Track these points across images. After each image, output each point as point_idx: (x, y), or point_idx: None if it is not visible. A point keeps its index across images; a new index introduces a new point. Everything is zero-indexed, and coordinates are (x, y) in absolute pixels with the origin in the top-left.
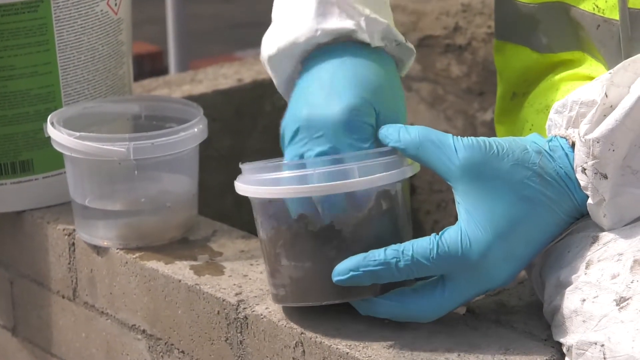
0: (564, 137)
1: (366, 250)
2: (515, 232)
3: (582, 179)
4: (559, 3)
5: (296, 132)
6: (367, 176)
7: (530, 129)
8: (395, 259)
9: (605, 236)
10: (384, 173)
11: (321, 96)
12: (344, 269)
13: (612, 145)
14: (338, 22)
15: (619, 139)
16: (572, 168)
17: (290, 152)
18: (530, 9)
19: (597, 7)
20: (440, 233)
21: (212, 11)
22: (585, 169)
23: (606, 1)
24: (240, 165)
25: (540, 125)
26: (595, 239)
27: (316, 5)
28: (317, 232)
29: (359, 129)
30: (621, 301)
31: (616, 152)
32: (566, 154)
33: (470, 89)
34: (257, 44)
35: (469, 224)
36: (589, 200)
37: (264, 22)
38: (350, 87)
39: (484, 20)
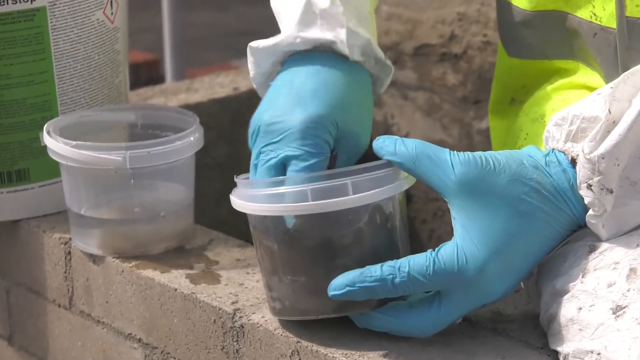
0: (562, 151)
1: (362, 264)
2: (511, 247)
3: (588, 195)
4: (556, 11)
5: (257, 132)
6: (362, 192)
7: (525, 138)
8: (391, 276)
9: (601, 245)
10: (379, 189)
11: (287, 102)
12: (340, 284)
13: (617, 160)
14: (318, 33)
15: (623, 152)
16: (569, 184)
17: (253, 150)
18: (526, 16)
19: (595, 15)
20: (436, 249)
21: (208, 20)
22: (591, 185)
23: (604, 9)
24: (235, 179)
25: (534, 134)
26: (591, 248)
27: (300, 13)
28: (312, 247)
29: (314, 142)
30: (617, 309)
31: (620, 167)
32: (563, 170)
33: (466, 97)
34: None
35: (465, 240)
36: (590, 212)
37: (260, 30)
38: (315, 98)
39: (480, 29)
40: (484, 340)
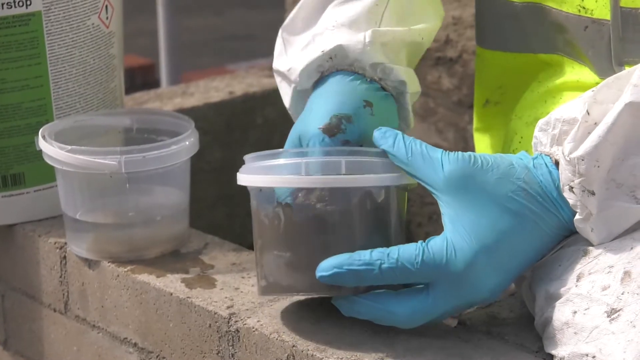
0: (548, 155)
1: (351, 249)
2: (500, 244)
3: (571, 197)
4: (540, 5)
5: (296, 139)
6: (356, 174)
7: (520, 142)
8: (379, 261)
9: (595, 249)
10: (373, 175)
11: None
12: (327, 265)
13: (597, 162)
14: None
15: (603, 154)
16: (555, 185)
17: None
18: (514, 8)
19: (584, 8)
20: (426, 241)
21: (204, 24)
22: (572, 187)
23: (596, 1)
24: (244, 157)
25: (529, 137)
26: (585, 252)
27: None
28: (300, 223)
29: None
30: (612, 313)
31: (601, 168)
32: (550, 172)
33: (461, 101)
34: (248, 56)
35: (454, 234)
36: (577, 216)
37: (255, 35)
38: (327, 110)
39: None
40: (479, 343)
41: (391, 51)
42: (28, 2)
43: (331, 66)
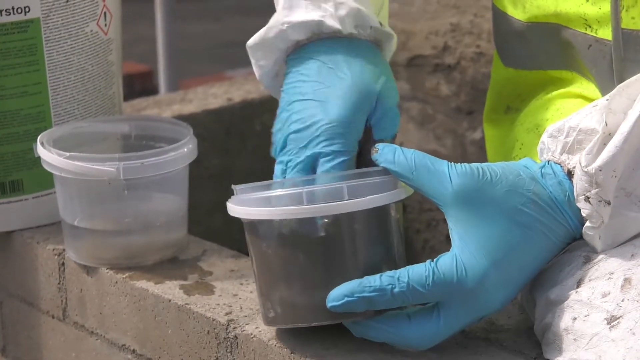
0: (558, 163)
1: (358, 272)
2: (510, 258)
3: (586, 208)
4: (549, 24)
5: (285, 143)
6: (358, 197)
7: (521, 148)
8: (390, 286)
9: (596, 256)
10: (376, 195)
11: (307, 109)
12: (338, 295)
13: (614, 172)
14: (303, 14)
15: (619, 164)
16: (565, 196)
17: (280, 160)
18: (521, 27)
19: (589, 26)
20: (435, 260)
21: (202, 30)
22: (589, 198)
23: (599, 21)
24: (233, 187)
25: (529, 144)
26: (586, 259)
27: None
28: (306, 252)
29: (342, 142)
30: (612, 320)
31: (617, 178)
32: (559, 182)
33: (460, 108)
34: (247, 63)
35: (464, 251)
36: (587, 224)
37: None
38: (331, 101)
39: (473, 40)
40: (477, 350)
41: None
42: (26, 9)
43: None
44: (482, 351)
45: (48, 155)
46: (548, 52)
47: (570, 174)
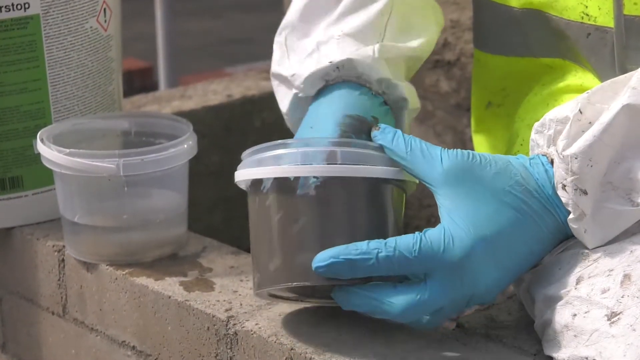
0: (545, 155)
1: (344, 240)
2: (498, 236)
3: (563, 196)
4: (540, 11)
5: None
6: (353, 164)
7: (522, 144)
8: (377, 250)
9: (595, 253)
10: (373, 167)
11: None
12: (325, 256)
13: (590, 161)
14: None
15: (597, 154)
16: (551, 183)
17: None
18: (514, 13)
19: (587, 15)
20: (423, 231)
21: (202, 27)
22: (565, 185)
23: (599, 8)
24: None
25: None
26: (585, 256)
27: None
28: (293, 212)
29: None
30: (612, 316)
31: (594, 168)
32: (545, 170)
33: (460, 104)
34: (246, 59)
35: (452, 224)
36: (570, 216)
37: (253, 38)
38: (335, 122)
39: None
40: (477, 346)
41: (395, 66)
42: (26, 5)
43: (337, 76)
44: (481, 347)
45: (48, 151)
46: (541, 40)
47: (553, 163)
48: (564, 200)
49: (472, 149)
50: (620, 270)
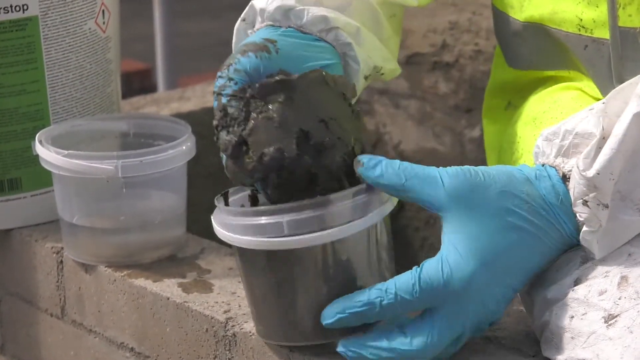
0: (553, 167)
1: (342, 288)
2: (500, 259)
3: (584, 212)
4: (539, 25)
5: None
6: (347, 222)
7: (519, 142)
8: (379, 298)
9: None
10: (356, 221)
11: None
12: (330, 312)
13: (611, 175)
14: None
15: (616, 166)
16: (558, 199)
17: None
18: (518, 26)
19: (584, 27)
20: (420, 265)
21: (201, 28)
22: (587, 202)
23: (594, 21)
24: (217, 203)
25: (527, 136)
26: (584, 258)
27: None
28: (299, 274)
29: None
30: (609, 318)
31: (614, 180)
32: (553, 185)
33: (458, 106)
34: None
35: (450, 252)
36: (585, 229)
37: None
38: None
39: (472, 38)
40: (476, 348)
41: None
42: (25, 7)
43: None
44: (480, 349)
45: (46, 153)
46: (544, 52)
47: (565, 178)
48: (584, 216)
49: (471, 151)
50: (617, 272)
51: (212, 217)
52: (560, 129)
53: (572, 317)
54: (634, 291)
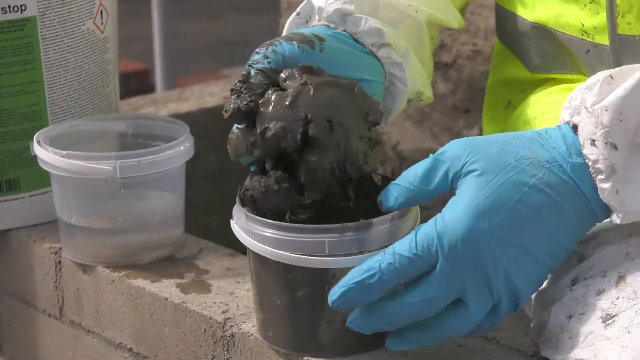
0: (567, 123)
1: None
2: (502, 215)
3: (592, 152)
4: (545, 27)
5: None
6: (383, 246)
7: None
8: (378, 262)
9: (591, 255)
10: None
11: None
12: (335, 291)
13: (620, 115)
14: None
15: (628, 109)
16: (567, 147)
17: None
18: (526, 26)
19: (586, 32)
20: (417, 228)
21: (199, 29)
22: (594, 141)
23: (595, 27)
24: (239, 207)
25: None
26: (581, 257)
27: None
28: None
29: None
30: (607, 318)
31: (624, 123)
32: (563, 135)
33: (456, 106)
34: (243, 61)
35: (447, 210)
36: (600, 176)
37: (251, 40)
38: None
39: (470, 38)
40: (474, 347)
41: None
42: (23, 7)
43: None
44: (478, 349)
45: (44, 153)
46: (548, 54)
47: (575, 128)
48: (593, 157)
49: None
50: (615, 271)
51: (234, 223)
52: (573, 93)
53: (570, 317)
54: (632, 291)
